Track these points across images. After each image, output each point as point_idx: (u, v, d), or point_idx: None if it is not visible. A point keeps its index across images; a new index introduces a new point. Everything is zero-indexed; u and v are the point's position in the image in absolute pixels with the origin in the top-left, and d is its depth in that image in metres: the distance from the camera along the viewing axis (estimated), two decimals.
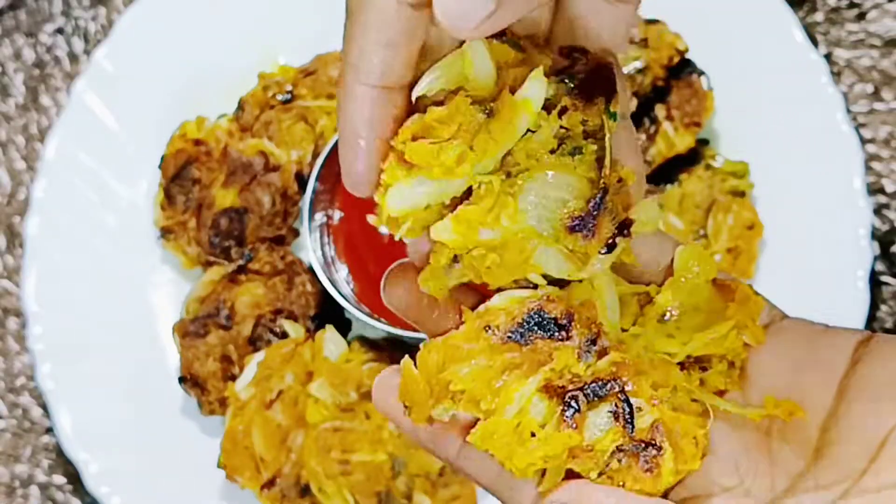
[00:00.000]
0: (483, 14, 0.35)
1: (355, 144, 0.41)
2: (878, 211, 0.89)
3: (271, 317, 0.82)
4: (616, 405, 0.42)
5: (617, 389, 0.42)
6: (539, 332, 0.42)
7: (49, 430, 0.85)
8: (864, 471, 0.39)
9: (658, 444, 0.42)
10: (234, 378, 0.80)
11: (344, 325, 0.83)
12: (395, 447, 0.75)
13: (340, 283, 0.83)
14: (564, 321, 0.42)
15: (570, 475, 0.42)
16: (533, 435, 0.41)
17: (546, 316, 0.42)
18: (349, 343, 0.80)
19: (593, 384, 0.42)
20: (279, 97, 0.88)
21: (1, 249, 0.90)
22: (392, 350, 0.80)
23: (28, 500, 0.83)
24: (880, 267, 0.87)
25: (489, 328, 0.42)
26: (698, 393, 0.44)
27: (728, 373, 0.44)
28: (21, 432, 0.85)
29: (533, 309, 0.42)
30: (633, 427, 0.42)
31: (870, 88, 0.92)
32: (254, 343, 0.82)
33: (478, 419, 0.42)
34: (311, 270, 0.83)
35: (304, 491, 0.75)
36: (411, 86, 0.41)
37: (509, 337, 0.42)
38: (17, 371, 0.87)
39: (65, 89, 0.95)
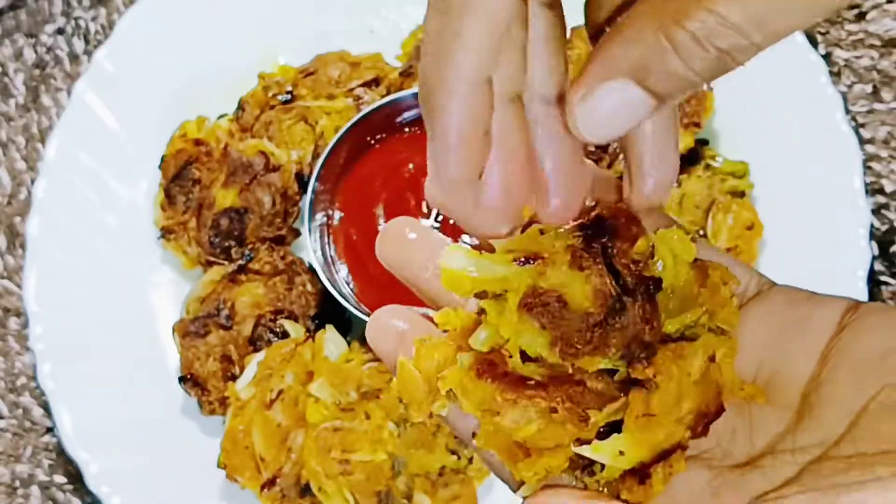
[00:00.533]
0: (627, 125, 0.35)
1: (455, 148, 0.38)
2: (878, 211, 0.89)
3: (271, 317, 0.82)
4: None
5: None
6: None
7: (50, 430, 0.85)
8: (842, 436, 0.38)
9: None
10: (234, 378, 0.80)
11: (344, 325, 0.83)
12: (395, 447, 0.75)
13: (340, 283, 0.83)
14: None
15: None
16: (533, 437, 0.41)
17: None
18: (349, 343, 0.80)
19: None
20: (279, 97, 0.88)
21: (2, 249, 0.90)
22: None
23: (29, 500, 0.83)
24: (879, 267, 0.87)
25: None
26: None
27: (724, 338, 0.44)
28: (22, 432, 0.85)
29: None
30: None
31: (869, 88, 0.92)
32: (254, 343, 0.82)
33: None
34: (311, 270, 0.83)
35: (305, 491, 0.75)
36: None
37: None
38: (17, 371, 0.87)
39: (65, 89, 0.95)
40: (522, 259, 0.40)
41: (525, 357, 0.41)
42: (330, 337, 0.79)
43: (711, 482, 0.41)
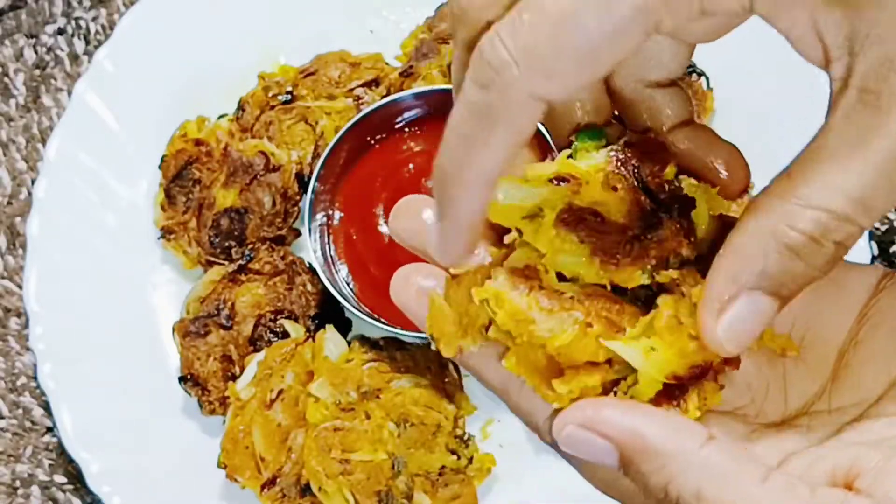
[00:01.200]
0: None
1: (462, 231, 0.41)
2: None
3: (271, 317, 0.82)
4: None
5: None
6: None
7: (50, 430, 0.85)
8: (880, 397, 0.38)
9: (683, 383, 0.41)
10: (234, 378, 0.80)
11: (344, 325, 0.83)
12: (395, 447, 0.75)
13: (340, 283, 0.83)
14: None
15: None
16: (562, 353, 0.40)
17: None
18: (349, 343, 0.80)
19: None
20: (279, 97, 0.88)
21: (2, 250, 0.90)
22: (392, 350, 0.80)
23: (29, 500, 0.83)
24: None
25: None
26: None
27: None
28: (22, 432, 0.85)
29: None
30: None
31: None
32: (254, 343, 0.82)
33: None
34: (311, 270, 0.83)
35: (305, 490, 0.75)
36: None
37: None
38: (18, 371, 0.87)
39: (66, 90, 0.95)
40: (558, 180, 0.41)
41: (561, 278, 0.41)
42: (330, 337, 0.79)
43: (748, 436, 0.41)
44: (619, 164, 0.41)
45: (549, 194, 0.41)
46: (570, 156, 0.42)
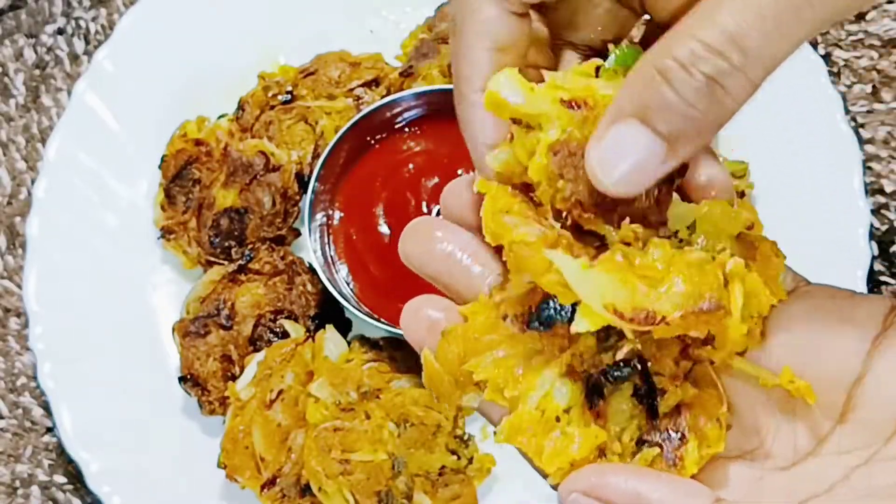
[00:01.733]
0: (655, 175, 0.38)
1: (481, 150, 0.44)
2: (877, 211, 0.89)
3: (271, 317, 0.82)
4: (638, 386, 0.41)
5: (639, 369, 0.41)
6: (557, 318, 0.41)
7: (50, 430, 0.85)
8: (889, 437, 0.38)
9: (681, 432, 0.41)
10: (234, 378, 0.80)
11: (344, 325, 0.83)
12: (395, 447, 0.75)
13: (340, 283, 0.83)
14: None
15: None
16: (558, 420, 0.41)
17: (561, 303, 0.41)
18: (349, 343, 0.80)
19: (615, 365, 0.41)
20: (279, 97, 0.88)
21: (2, 249, 0.90)
22: (392, 350, 0.80)
23: (29, 500, 0.83)
24: (879, 267, 0.87)
25: (507, 317, 0.42)
26: (717, 355, 0.42)
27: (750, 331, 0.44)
28: (22, 432, 0.85)
29: (549, 296, 0.41)
30: (657, 412, 0.41)
31: (869, 89, 0.92)
32: (254, 343, 0.82)
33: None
34: (311, 270, 0.83)
35: (305, 490, 0.75)
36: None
37: (528, 325, 0.42)
38: (17, 371, 0.87)
39: (66, 90, 0.95)
40: (571, 104, 0.42)
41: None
42: (330, 337, 0.79)
43: (757, 483, 0.41)
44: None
45: (551, 111, 0.42)
46: (597, 70, 0.43)
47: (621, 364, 0.41)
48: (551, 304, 0.42)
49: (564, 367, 0.41)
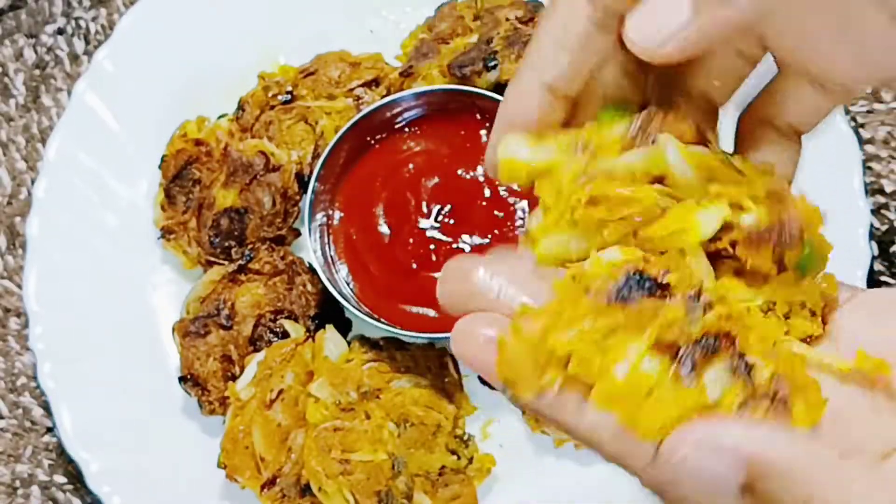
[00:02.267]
0: (674, 28, 0.38)
1: (507, 131, 0.43)
2: (877, 211, 0.89)
3: (271, 317, 0.82)
4: (732, 360, 0.39)
5: (729, 344, 0.40)
6: (641, 290, 0.40)
7: (50, 430, 0.85)
8: None
9: (783, 397, 0.39)
10: (234, 378, 0.80)
11: (344, 325, 0.83)
12: (395, 447, 0.75)
13: (340, 283, 0.83)
14: (665, 280, 0.40)
15: None
16: (650, 395, 0.39)
17: (646, 275, 0.40)
18: (349, 343, 0.80)
19: (704, 339, 0.40)
20: (279, 97, 0.88)
21: (2, 250, 0.90)
22: (392, 350, 0.80)
23: (29, 500, 0.83)
24: (879, 267, 0.87)
25: (589, 291, 0.41)
26: (797, 343, 0.41)
27: (812, 320, 0.43)
28: (22, 432, 0.86)
29: (632, 269, 0.40)
30: (753, 382, 0.39)
31: (868, 88, 0.92)
32: (254, 343, 0.82)
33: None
34: (311, 270, 0.83)
35: (305, 490, 0.75)
36: (574, 101, 0.44)
37: (613, 297, 0.40)
38: (17, 371, 0.87)
39: (66, 90, 0.95)
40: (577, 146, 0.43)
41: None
42: (330, 337, 0.79)
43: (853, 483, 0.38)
44: (637, 130, 0.43)
45: (559, 156, 0.43)
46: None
47: (711, 337, 0.40)
48: (636, 276, 0.41)
49: (653, 339, 0.39)
